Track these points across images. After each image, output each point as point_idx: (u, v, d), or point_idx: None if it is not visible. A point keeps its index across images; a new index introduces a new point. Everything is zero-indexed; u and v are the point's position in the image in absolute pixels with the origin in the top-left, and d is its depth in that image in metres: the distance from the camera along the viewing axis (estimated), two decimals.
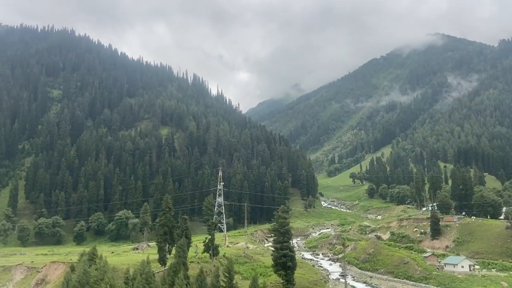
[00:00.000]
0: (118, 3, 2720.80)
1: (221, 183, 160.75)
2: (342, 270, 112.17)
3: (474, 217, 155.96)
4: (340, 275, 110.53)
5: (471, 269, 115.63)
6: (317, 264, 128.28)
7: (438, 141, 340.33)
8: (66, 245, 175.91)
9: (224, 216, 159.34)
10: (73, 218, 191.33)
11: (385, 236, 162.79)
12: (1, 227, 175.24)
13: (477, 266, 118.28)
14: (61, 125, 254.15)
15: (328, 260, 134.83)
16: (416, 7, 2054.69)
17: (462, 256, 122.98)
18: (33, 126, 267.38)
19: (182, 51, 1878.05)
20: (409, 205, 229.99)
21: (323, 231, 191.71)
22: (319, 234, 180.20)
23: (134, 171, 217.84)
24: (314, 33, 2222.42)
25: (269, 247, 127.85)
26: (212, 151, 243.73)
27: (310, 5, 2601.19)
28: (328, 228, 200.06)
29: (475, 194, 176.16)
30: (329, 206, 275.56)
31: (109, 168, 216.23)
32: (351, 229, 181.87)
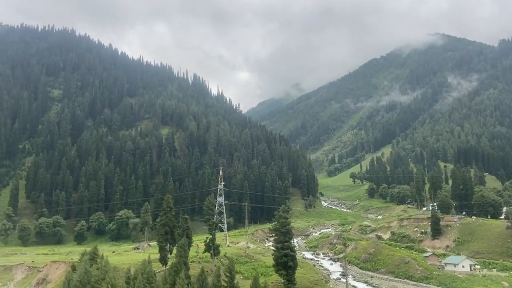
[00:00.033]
0: (118, 3, 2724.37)
1: (222, 183, 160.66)
2: (343, 269, 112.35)
3: (474, 217, 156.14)
4: (341, 275, 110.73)
5: (472, 269, 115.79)
6: (318, 263, 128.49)
7: (438, 141, 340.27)
8: (66, 244, 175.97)
9: (225, 216, 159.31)
10: (73, 218, 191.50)
11: (385, 236, 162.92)
12: (2, 226, 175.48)
13: (478, 266, 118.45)
14: (61, 124, 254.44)
15: (329, 259, 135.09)
16: (416, 7, 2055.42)
17: (463, 256, 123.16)
18: (34, 125, 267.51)
19: (182, 50, 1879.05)
20: (410, 205, 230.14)
21: (323, 231, 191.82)
22: (319, 234, 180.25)
23: (135, 170, 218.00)
24: (314, 33, 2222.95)
25: (270, 246, 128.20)
26: (212, 151, 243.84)
27: (310, 5, 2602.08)
28: (329, 228, 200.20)
29: (476, 194, 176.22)
30: (330, 206, 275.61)
31: (109, 168, 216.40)
32: (351, 229, 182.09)
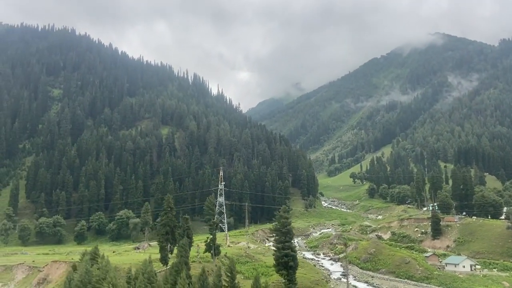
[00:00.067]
0: (119, 2, 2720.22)
1: (222, 183, 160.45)
2: (344, 269, 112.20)
3: (474, 217, 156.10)
4: (341, 275, 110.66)
5: (472, 269, 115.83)
6: (319, 263, 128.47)
7: (439, 140, 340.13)
8: (66, 244, 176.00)
9: (225, 216, 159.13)
10: (74, 218, 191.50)
11: (386, 236, 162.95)
12: (2, 226, 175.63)
13: (478, 266, 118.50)
14: (61, 124, 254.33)
15: (329, 259, 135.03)
16: (416, 6, 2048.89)
17: (463, 256, 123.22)
18: (34, 125, 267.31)
19: (182, 50, 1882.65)
20: (410, 205, 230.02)
21: (323, 231, 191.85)
22: (320, 234, 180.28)
23: (135, 170, 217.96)
24: (315, 32, 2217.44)
25: (270, 246, 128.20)
26: (212, 151, 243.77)
27: (310, 4, 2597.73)
28: (329, 228, 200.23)
29: (476, 194, 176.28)
30: (330, 206, 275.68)
31: (109, 168, 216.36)
32: (351, 229, 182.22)
